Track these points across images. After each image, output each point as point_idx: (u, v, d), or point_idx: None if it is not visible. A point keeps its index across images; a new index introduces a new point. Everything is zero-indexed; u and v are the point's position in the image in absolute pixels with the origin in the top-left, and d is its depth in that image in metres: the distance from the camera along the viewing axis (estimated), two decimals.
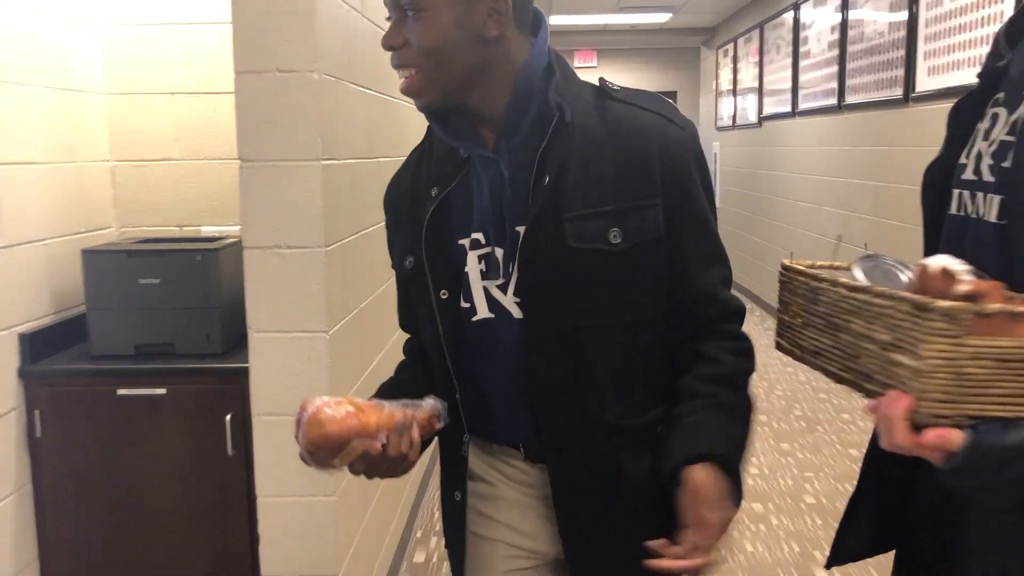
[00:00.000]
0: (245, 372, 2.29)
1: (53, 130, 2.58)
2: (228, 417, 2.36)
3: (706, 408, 1.24)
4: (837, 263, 1.14)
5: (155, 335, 2.45)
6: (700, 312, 1.29)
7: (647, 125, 1.23)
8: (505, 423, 1.33)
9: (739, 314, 1.32)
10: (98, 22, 2.82)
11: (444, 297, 1.27)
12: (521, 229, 1.22)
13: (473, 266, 1.25)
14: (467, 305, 1.26)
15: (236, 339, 2.47)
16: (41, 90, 2.53)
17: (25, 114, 2.44)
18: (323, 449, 1.16)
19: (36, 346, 2.42)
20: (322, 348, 2.24)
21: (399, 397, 1.28)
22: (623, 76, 13.34)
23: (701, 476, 1.18)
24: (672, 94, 13.81)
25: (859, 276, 1.04)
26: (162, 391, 2.39)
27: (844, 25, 5.79)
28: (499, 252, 1.24)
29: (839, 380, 1.02)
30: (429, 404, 1.23)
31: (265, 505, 2.27)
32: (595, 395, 1.25)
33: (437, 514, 3.47)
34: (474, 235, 1.25)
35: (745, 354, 1.30)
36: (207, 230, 2.88)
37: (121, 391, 2.39)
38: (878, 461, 1.19)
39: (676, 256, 1.25)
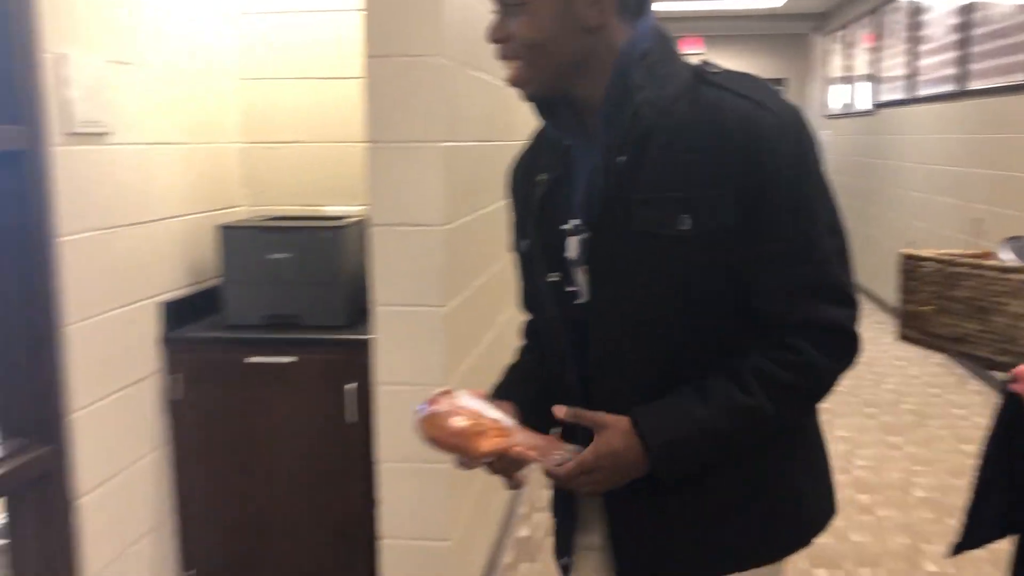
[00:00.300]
0: (367, 344, 2.41)
1: (192, 112, 2.75)
2: (350, 386, 2.49)
3: (696, 388, 1.22)
4: (959, 251, 1.13)
5: (283, 307, 2.59)
6: (764, 315, 1.22)
7: (734, 110, 1.18)
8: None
9: (814, 326, 1.20)
10: (235, 10, 2.98)
11: (554, 280, 1.31)
12: None
13: (572, 251, 1.28)
14: (573, 289, 1.30)
15: (358, 312, 2.59)
16: (184, 74, 2.69)
17: (169, 97, 2.61)
18: (427, 444, 1.24)
19: (175, 314, 2.59)
20: (439, 322, 2.33)
21: (528, 385, 1.39)
22: (730, 64, 13.05)
23: (619, 434, 1.20)
24: (781, 82, 13.49)
25: (1009, 257, 1.03)
26: (289, 360, 2.53)
27: (968, 8, 5.58)
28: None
29: (991, 366, 1.00)
30: (563, 454, 1.22)
31: (385, 470, 2.39)
32: (645, 382, 1.26)
33: (539, 492, 3.54)
34: (573, 221, 1.28)
35: (795, 368, 1.20)
36: (329, 210, 3.01)
37: (251, 359, 2.54)
38: (1005, 445, 1.19)
39: (750, 251, 1.19)
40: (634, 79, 1.20)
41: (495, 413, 1.25)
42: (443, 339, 2.32)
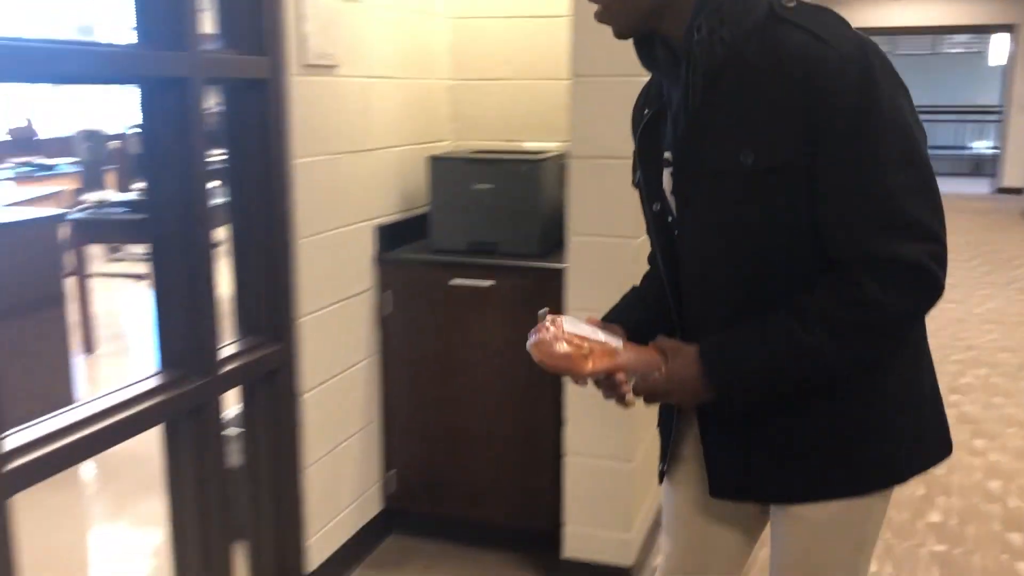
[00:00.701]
0: (560, 272, 2.54)
1: (408, 49, 2.94)
2: (543, 311, 2.63)
3: (759, 325, 1.25)
4: None
5: (484, 234, 2.76)
6: (831, 250, 1.22)
7: (797, 47, 1.18)
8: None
9: (881, 262, 1.18)
10: None
11: (656, 210, 1.39)
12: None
13: (667, 183, 1.36)
14: (671, 219, 1.38)
15: (552, 243, 2.72)
16: (402, 12, 2.88)
17: (389, 34, 2.80)
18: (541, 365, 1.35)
19: (388, 237, 2.81)
20: (631, 253, 2.42)
21: (639, 308, 1.50)
22: (952, 8, 12.20)
23: (687, 363, 1.28)
24: (1011, 28, 12.44)
25: None
26: (488, 284, 2.70)
27: None
28: None
29: None
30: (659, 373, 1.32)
31: (571, 391, 2.53)
32: (726, 309, 1.31)
33: None
34: (666, 154, 1.35)
35: (858, 305, 1.19)
36: (529, 145, 3.15)
37: (454, 281, 2.73)
38: None
39: (813, 186, 1.20)
40: (710, 17, 1.22)
41: (601, 336, 1.33)
42: (633, 270, 2.41)
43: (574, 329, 1.32)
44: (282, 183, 2.32)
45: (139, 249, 6.72)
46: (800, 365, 1.24)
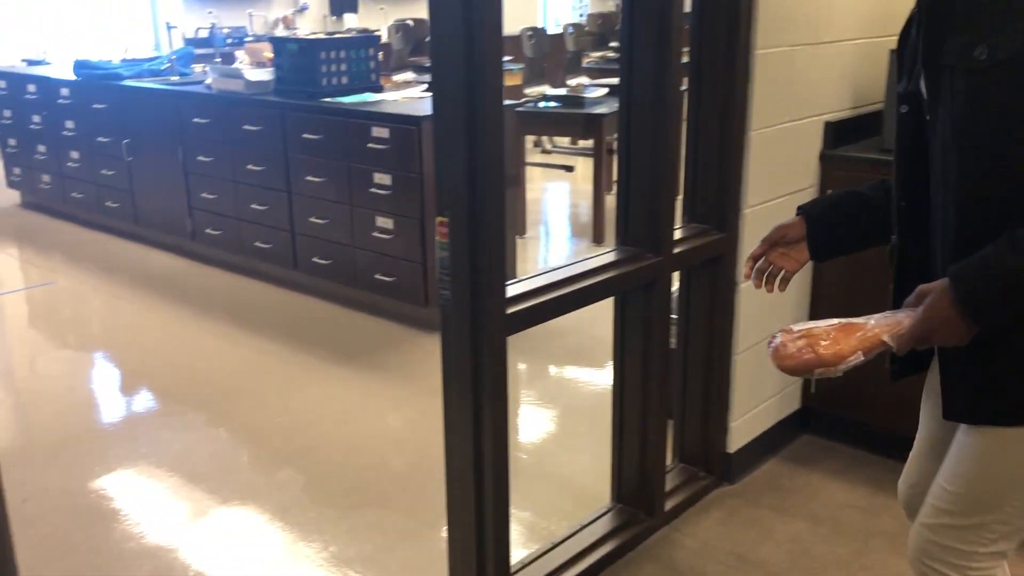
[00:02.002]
0: None
1: None
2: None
3: (1008, 238, 1.19)
4: None
5: None
6: None
7: None
8: None
9: None
10: None
11: (903, 112, 1.39)
12: None
13: (923, 87, 1.33)
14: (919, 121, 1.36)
15: None
16: None
17: None
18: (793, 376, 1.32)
19: (835, 134, 2.74)
20: None
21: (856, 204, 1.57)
22: None
23: (935, 292, 1.24)
24: None
25: None
26: None
27: None
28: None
29: None
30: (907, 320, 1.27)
31: None
32: (948, 219, 1.28)
33: None
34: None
35: None
36: None
37: None
38: None
39: None
40: None
41: (834, 321, 1.30)
42: None
43: (804, 326, 1.31)
44: (743, 74, 2.35)
45: (564, 142, 7.18)
46: None
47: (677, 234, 2.39)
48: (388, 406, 3.32)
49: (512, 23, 11.75)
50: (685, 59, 2.25)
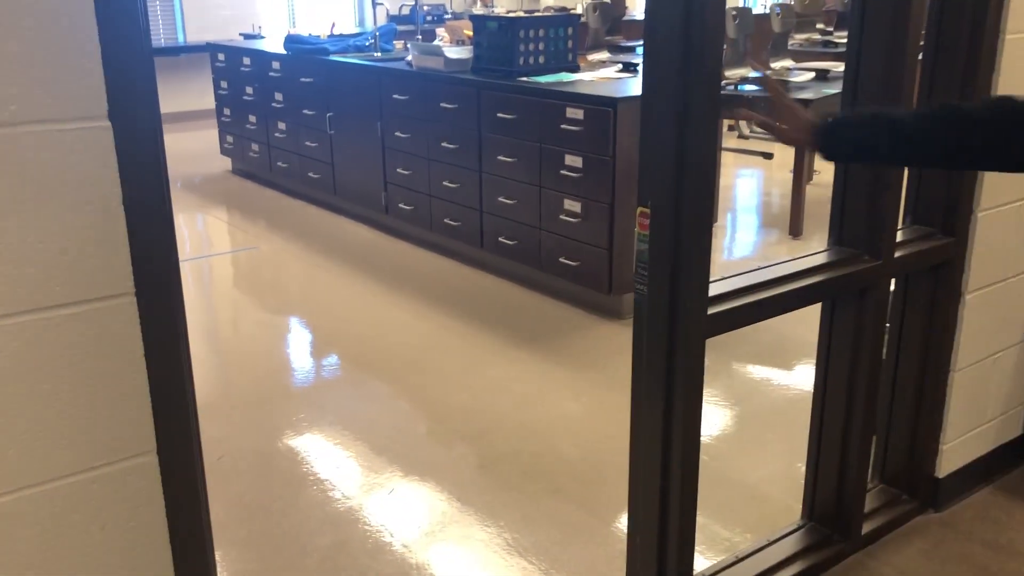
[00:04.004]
0: None
1: None
2: None
3: None
4: None
5: None
6: None
7: None
8: None
9: None
10: None
11: None
12: None
13: None
14: None
15: None
16: None
17: None
18: None
19: None
20: None
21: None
22: None
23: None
24: None
25: None
26: None
27: None
28: None
29: None
30: None
31: None
32: None
33: None
34: None
35: None
36: None
37: None
38: None
39: None
40: None
41: None
42: None
43: None
44: (987, 60, 2.10)
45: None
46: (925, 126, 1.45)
47: (899, 236, 2.18)
48: (566, 393, 3.27)
49: None
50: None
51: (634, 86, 3.95)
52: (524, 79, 4.16)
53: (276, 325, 3.97)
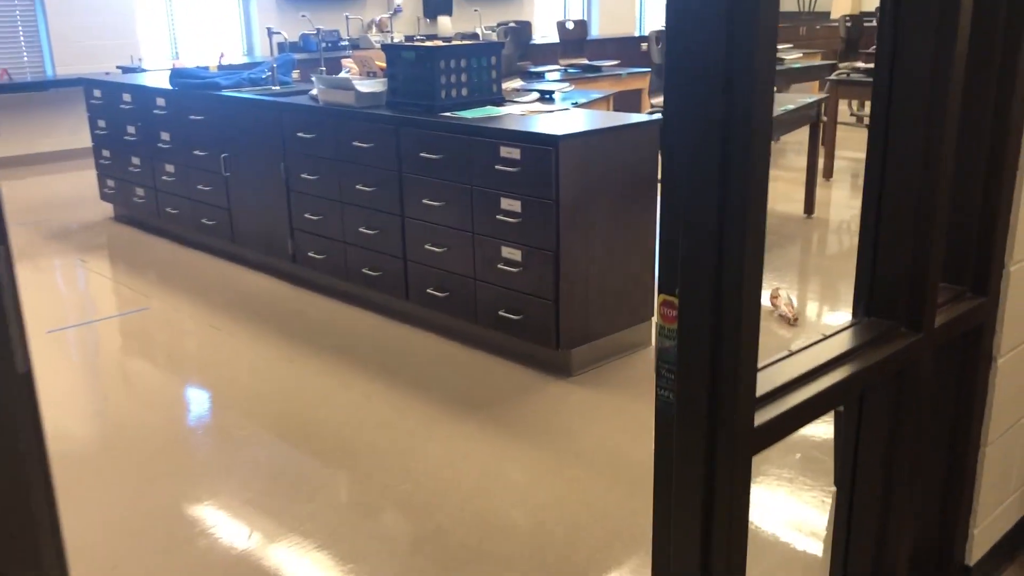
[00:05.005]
0: None
1: None
2: None
3: None
4: None
5: None
6: None
7: None
8: None
9: None
10: None
11: None
12: None
13: None
14: None
15: None
16: None
17: None
18: None
19: None
20: None
21: None
22: None
23: None
24: None
25: None
26: None
27: None
28: None
29: None
30: None
31: None
32: None
33: None
34: None
35: None
36: None
37: None
38: None
39: None
40: None
41: None
42: None
43: None
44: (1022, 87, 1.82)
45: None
46: None
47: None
48: (527, 475, 2.86)
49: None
50: None
51: (573, 121, 3.60)
52: (447, 114, 3.76)
53: (172, 404, 3.44)
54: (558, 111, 3.87)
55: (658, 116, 3.71)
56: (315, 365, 3.72)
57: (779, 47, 7.25)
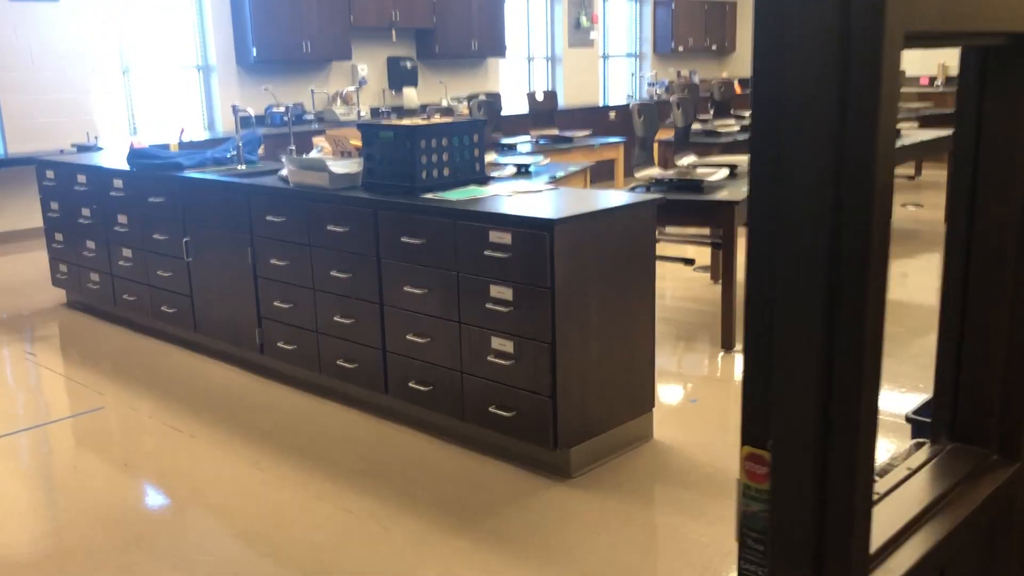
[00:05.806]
0: None
1: None
2: None
3: None
4: None
5: None
6: None
7: None
8: None
9: None
10: None
11: None
12: None
13: None
14: None
15: None
16: None
17: None
18: None
19: None
20: None
21: None
22: None
23: None
24: None
25: None
26: None
27: None
28: None
29: None
30: None
31: None
32: None
33: None
34: None
35: None
36: None
37: None
38: None
39: None
40: None
41: None
42: None
43: None
44: None
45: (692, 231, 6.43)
46: None
47: None
48: None
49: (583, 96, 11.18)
50: None
51: (566, 202, 3.37)
52: (429, 195, 3.52)
53: (126, 523, 3.07)
54: (547, 190, 3.65)
55: (653, 196, 3.49)
56: (286, 471, 3.38)
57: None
